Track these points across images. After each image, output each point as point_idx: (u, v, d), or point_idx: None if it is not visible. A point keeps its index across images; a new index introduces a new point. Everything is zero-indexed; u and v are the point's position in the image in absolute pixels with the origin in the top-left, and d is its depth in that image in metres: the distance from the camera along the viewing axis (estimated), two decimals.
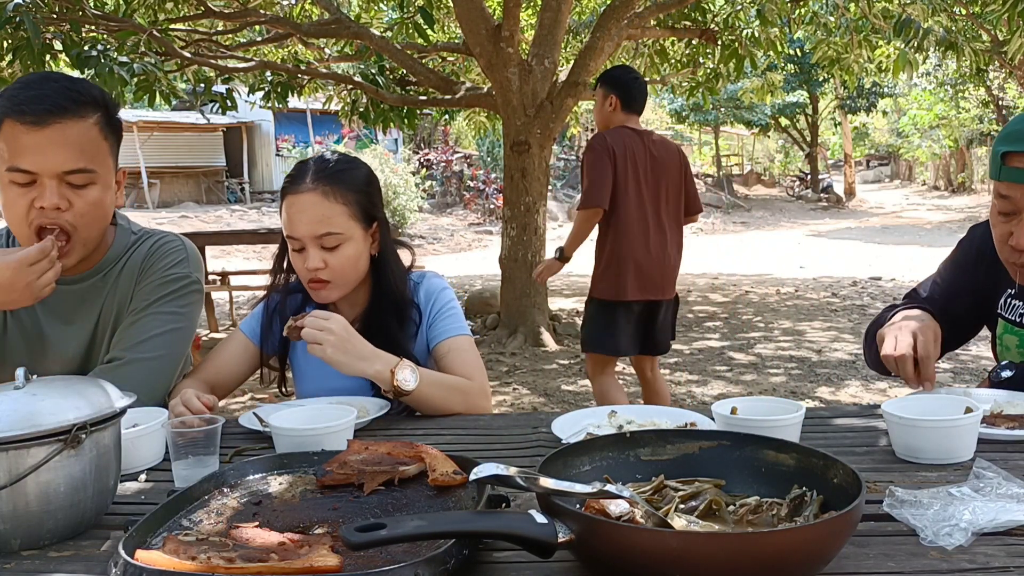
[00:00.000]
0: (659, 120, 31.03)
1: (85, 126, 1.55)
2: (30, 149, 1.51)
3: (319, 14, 8.10)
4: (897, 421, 1.32)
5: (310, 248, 1.73)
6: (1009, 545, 0.99)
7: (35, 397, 1.12)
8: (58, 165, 1.53)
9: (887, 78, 9.10)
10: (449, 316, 1.85)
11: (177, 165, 22.65)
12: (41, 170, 1.52)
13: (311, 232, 1.72)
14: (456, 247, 17.67)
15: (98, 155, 1.59)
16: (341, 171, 1.76)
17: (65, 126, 1.52)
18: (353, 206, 1.75)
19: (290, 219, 1.74)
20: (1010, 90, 23.55)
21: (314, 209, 1.71)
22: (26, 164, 1.52)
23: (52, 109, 1.51)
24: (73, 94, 1.54)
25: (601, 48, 6.77)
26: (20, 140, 1.50)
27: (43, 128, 1.50)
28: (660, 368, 4.24)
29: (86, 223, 1.60)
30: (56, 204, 1.54)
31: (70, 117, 1.53)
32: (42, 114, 1.50)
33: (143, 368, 1.66)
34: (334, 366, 1.64)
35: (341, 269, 1.74)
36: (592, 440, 1.21)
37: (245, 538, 0.99)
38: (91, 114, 1.56)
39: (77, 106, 1.54)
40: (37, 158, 1.51)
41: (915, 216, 23.36)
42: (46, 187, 1.53)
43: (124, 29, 6.36)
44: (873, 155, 44.97)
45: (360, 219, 1.76)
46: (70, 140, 1.53)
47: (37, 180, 1.53)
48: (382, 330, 1.76)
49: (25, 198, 1.54)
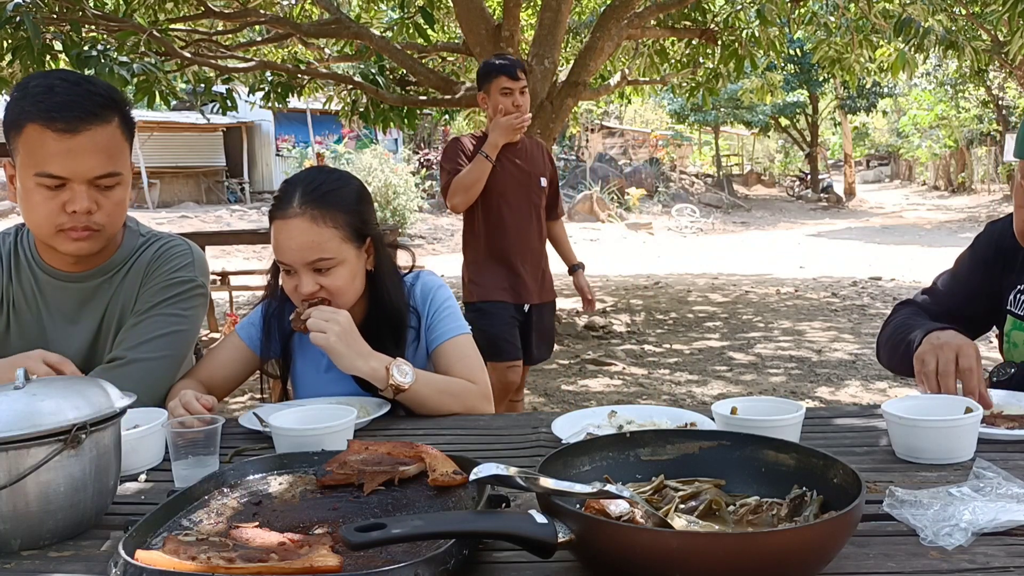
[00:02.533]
0: (659, 120, 31.05)
1: (110, 130, 1.58)
2: (61, 155, 1.53)
3: (319, 14, 8.10)
4: (897, 421, 1.32)
5: (302, 274, 1.68)
6: (1009, 545, 0.99)
7: (35, 397, 1.12)
8: (90, 171, 1.56)
9: (887, 78, 9.09)
10: (447, 316, 1.83)
11: (177, 165, 22.63)
12: (73, 176, 1.55)
13: (302, 259, 1.67)
14: (456, 247, 17.63)
15: (122, 157, 1.62)
16: (330, 192, 1.70)
17: (95, 132, 1.55)
18: (344, 228, 1.69)
19: (279, 245, 1.68)
20: (1010, 90, 23.56)
21: (303, 236, 1.65)
22: (57, 170, 1.54)
23: (82, 116, 1.53)
24: (98, 99, 1.56)
25: (601, 48, 6.77)
26: (49, 147, 1.52)
27: (75, 136, 1.52)
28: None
29: (111, 221, 1.64)
30: (88, 208, 1.57)
31: (98, 123, 1.55)
32: (72, 121, 1.52)
33: (144, 368, 1.67)
34: (334, 357, 1.63)
35: (337, 291, 1.70)
36: (592, 440, 1.21)
37: (245, 538, 0.99)
38: (113, 117, 1.59)
39: (102, 110, 1.56)
40: (68, 164, 1.54)
41: (915, 216, 23.37)
42: (76, 192, 1.56)
43: (124, 29, 6.36)
44: (873, 155, 45.01)
45: (352, 239, 1.71)
46: (100, 146, 1.56)
47: (66, 184, 1.55)
48: (378, 343, 1.72)
49: (54, 201, 1.56)
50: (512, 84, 3.50)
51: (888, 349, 1.84)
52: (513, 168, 3.59)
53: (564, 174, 23.74)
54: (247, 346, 1.86)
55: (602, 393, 5.55)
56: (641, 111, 30.96)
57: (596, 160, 25.36)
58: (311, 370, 1.86)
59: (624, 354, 6.78)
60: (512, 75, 3.50)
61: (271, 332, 1.84)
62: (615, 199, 22.29)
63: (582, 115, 22.08)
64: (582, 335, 7.52)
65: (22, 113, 1.53)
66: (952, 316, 1.80)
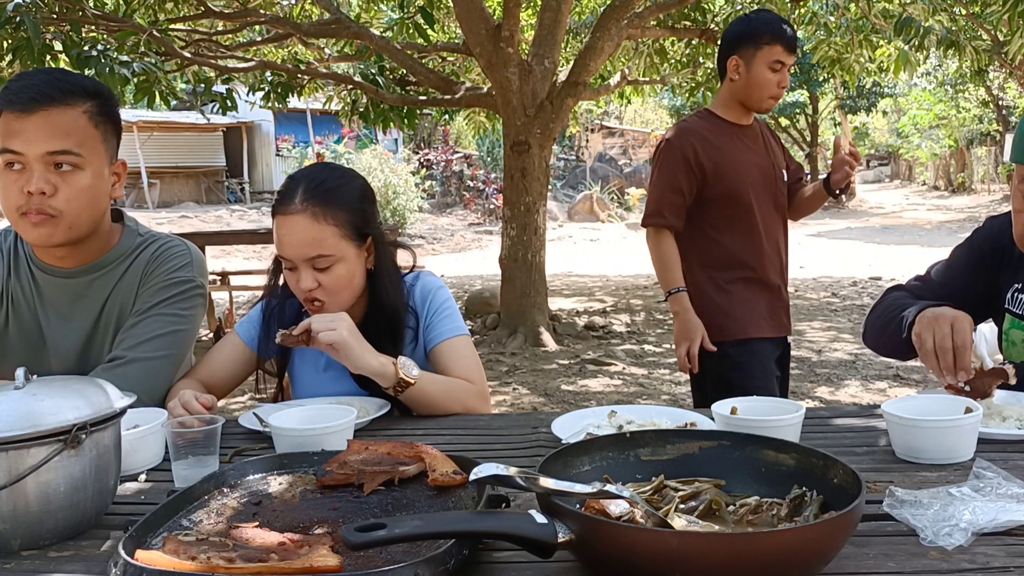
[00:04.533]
0: (659, 120, 31.04)
1: (72, 114, 1.60)
2: (17, 133, 1.57)
3: (319, 14, 8.10)
4: (897, 421, 1.32)
5: (302, 269, 1.69)
6: (1009, 545, 0.99)
7: (35, 397, 1.12)
8: (41, 146, 1.58)
9: (887, 78, 9.09)
10: (446, 317, 1.83)
11: (177, 165, 22.64)
12: (26, 151, 1.57)
13: (301, 255, 1.68)
14: (456, 247, 17.66)
15: (86, 141, 1.62)
16: (332, 189, 1.71)
17: (50, 113, 1.58)
18: (345, 226, 1.69)
19: (280, 240, 1.70)
20: (1010, 90, 23.56)
21: (304, 232, 1.67)
22: (13, 145, 1.58)
23: (36, 97, 1.57)
24: (60, 84, 1.60)
25: (601, 48, 6.77)
26: (10, 126, 1.58)
27: (29, 115, 1.57)
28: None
29: (73, 208, 1.63)
30: (41, 188, 1.58)
31: (56, 105, 1.58)
32: (27, 102, 1.56)
33: (144, 368, 1.67)
34: (346, 352, 1.62)
35: (335, 288, 1.71)
36: (592, 440, 1.21)
37: (245, 538, 0.99)
38: (80, 103, 1.61)
39: (63, 95, 1.59)
40: (21, 140, 1.57)
41: (915, 216, 23.35)
42: (33, 171, 1.58)
43: (124, 29, 6.36)
44: (873, 155, 44.98)
45: (353, 238, 1.71)
46: (55, 125, 1.58)
47: (26, 166, 1.58)
48: (376, 343, 1.72)
49: (16, 184, 1.59)
50: (787, 58, 2.67)
51: (876, 329, 1.82)
52: (755, 158, 2.78)
53: (564, 174, 23.75)
54: (246, 345, 1.86)
55: (602, 393, 5.55)
56: (641, 111, 30.95)
57: (596, 160, 25.36)
58: (309, 370, 1.86)
59: (624, 354, 6.78)
60: (791, 47, 2.68)
61: (271, 331, 1.83)
62: (615, 199, 22.30)
63: (582, 115, 22.04)
64: (582, 335, 7.52)
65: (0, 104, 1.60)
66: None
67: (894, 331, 1.68)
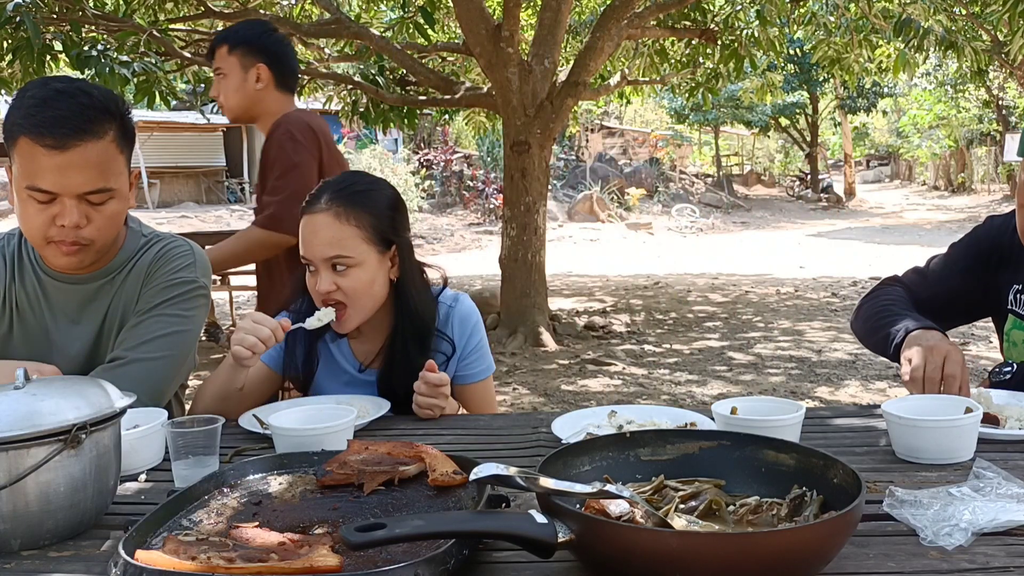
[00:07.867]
0: (659, 120, 31.04)
1: (103, 145, 1.55)
2: (50, 171, 1.51)
3: (319, 14, 8.10)
4: (897, 421, 1.32)
5: (321, 271, 1.70)
6: (1009, 545, 0.99)
7: (35, 397, 1.12)
8: (78, 187, 1.54)
9: (887, 78, 9.09)
10: (481, 356, 1.85)
11: (177, 165, 22.63)
12: (62, 191, 1.54)
13: (321, 254, 1.69)
14: (456, 247, 17.65)
15: (115, 170, 1.59)
16: (359, 192, 1.73)
17: (85, 148, 1.52)
18: (368, 229, 1.70)
19: (303, 239, 1.72)
20: (1010, 90, 23.56)
21: (325, 231, 1.68)
22: (46, 185, 1.53)
23: (72, 132, 1.50)
24: (91, 112, 1.53)
25: (601, 48, 6.77)
26: (39, 161, 1.51)
27: (64, 152, 1.50)
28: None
29: (102, 236, 1.63)
30: (76, 223, 1.56)
31: (90, 138, 1.52)
32: (61, 137, 1.49)
33: (145, 368, 1.67)
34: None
35: (353, 293, 1.70)
36: (592, 440, 1.21)
37: (245, 538, 0.99)
38: (108, 130, 1.56)
39: (95, 125, 1.53)
40: (57, 180, 1.52)
41: (915, 216, 23.36)
42: (66, 206, 1.54)
43: (124, 29, 6.36)
44: (873, 155, 45.00)
45: (376, 243, 1.71)
46: (90, 162, 1.53)
47: (57, 198, 1.54)
48: (406, 356, 1.73)
49: (44, 214, 1.56)
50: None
51: (866, 329, 1.84)
52: None
53: (564, 174, 23.75)
54: (267, 365, 1.83)
55: (602, 393, 5.55)
56: (641, 111, 30.94)
57: (596, 160, 25.35)
58: (332, 383, 1.86)
59: (624, 354, 6.78)
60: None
61: (293, 348, 1.82)
62: (615, 199, 22.29)
63: (582, 115, 22.06)
64: (582, 335, 7.51)
65: (15, 125, 1.52)
66: (938, 301, 1.81)
67: (880, 341, 1.72)
